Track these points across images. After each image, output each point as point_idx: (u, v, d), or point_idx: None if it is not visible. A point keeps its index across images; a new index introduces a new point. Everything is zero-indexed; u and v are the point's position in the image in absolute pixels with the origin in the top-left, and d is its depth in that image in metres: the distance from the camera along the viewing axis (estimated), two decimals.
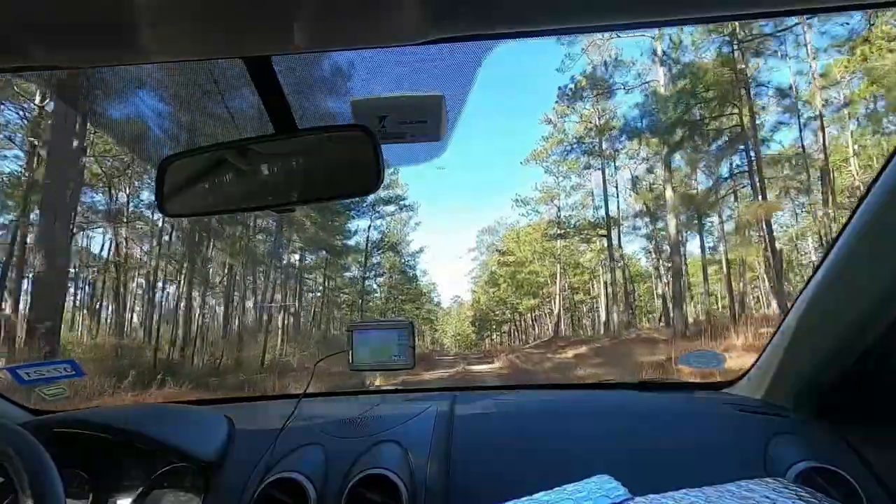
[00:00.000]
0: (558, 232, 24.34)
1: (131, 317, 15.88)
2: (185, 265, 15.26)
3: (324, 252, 21.99)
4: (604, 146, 21.16)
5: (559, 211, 24.58)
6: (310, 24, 0.48)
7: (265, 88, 0.65)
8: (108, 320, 15.78)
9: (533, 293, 30.07)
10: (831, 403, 1.15)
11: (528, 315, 34.18)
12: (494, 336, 38.71)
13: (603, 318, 23.44)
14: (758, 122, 15.69)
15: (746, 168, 16.17)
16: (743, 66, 15.46)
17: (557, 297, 27.24)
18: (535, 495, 0.64)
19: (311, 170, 0.71)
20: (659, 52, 17.22)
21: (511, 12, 0.47)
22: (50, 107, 12.14)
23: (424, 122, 0.77)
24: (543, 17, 0.48)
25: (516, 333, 36.55)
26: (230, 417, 1.33)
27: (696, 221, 17.71)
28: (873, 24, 12.79)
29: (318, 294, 24.34)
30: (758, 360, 1.34)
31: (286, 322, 20.61)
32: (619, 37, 17.66)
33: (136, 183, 14.87)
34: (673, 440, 1.17)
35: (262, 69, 0.63)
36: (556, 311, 27.78)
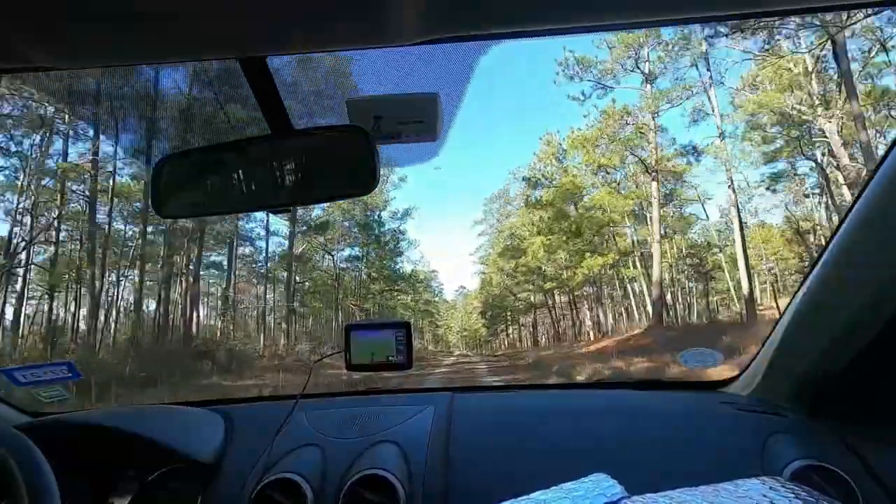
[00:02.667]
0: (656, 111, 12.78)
1: None
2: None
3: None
4: None
5: (648, 79, 12.96)
6: (306, 25, 0.48)
7: (261, 89, 0.65)
8: None
9: (594, 248, 16.90)
10: (828, 402, 1.16)
11: (569, 294, 20.21)
12: (512, 331, 27.60)
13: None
14: None
15: None
16: None
17: (656, 245, 14.00)
18: (533, 494, 0.64)
19: (306, 170, 0.71)
20: None
21: (507, 13, 0.47)
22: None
23: (420, 123, 0.77)
24: (539, 18, 0.48)
25: (555, 325, 22.48)
26: (228, 418, 1.33)
27: None
28: None
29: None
30: (755, 359, 1.34)
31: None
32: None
33: None
34: (670, 439, 1.17)
35: (258, 70, 0.63)
36: (654, 274, 14.57)
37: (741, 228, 14.11)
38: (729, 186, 14.49)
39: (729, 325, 13.74)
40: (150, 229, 14.97)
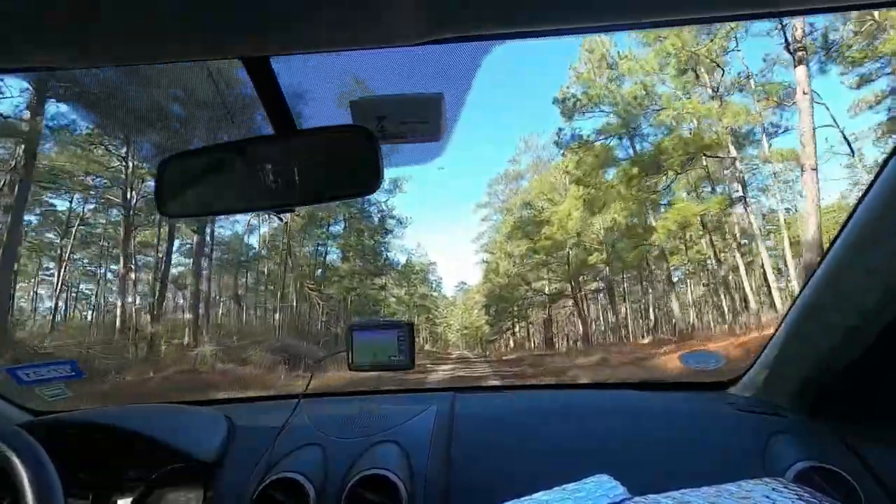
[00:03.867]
0: None
1: None
2: None
3: None
4: None
5: None
6: (309, 24, 0.48)
7: (264, 89, 0.65)
8: None
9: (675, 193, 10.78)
10: (830, 403, 1.16)
11: (610, 275, 14.25)
12: (519, 329, 23.12)
13: None
14: None
15: None
16: None
17: (809, 176, 8.80)
18: (535, 495, 0.64)
19: (310, 170, 0.71)
20: None
21: (511, 13, 0.47)
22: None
23: (424, 123, 0.77)
24: (542, 18, 0.48)
25: (583, 321, 16.10)
26: (230, 418, 1.33)
27: None
28: None
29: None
30: (757, 359, 1.34)
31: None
32: None
33: None
34: (672, 440, 1.17)
35: (262, 70, 0.63)
36: (808, 227, 8.96)
37: None
38: None
39: None
40: None
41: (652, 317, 14.81)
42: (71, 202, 13.36)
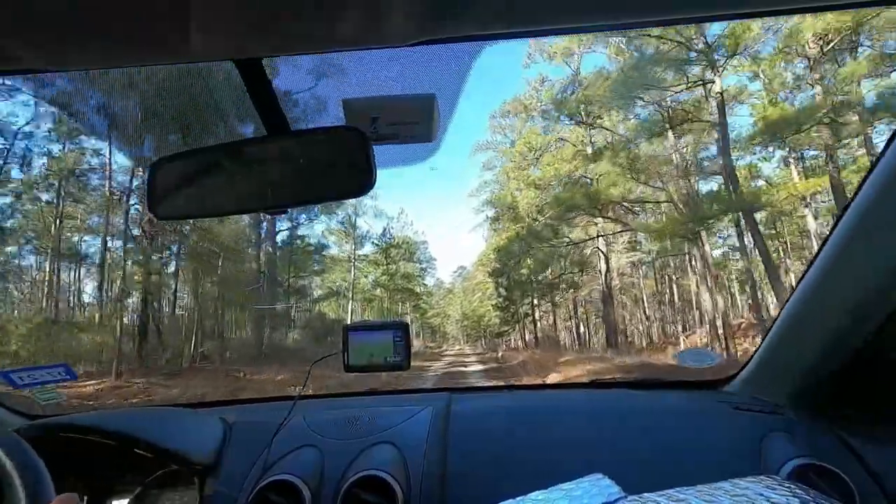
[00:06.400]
0: None
1: None
2: None
3: None
4: None
5: None
6: (301, 26, 0.48)
7: (257, 90, 0.65)
8: None
9: None
10: (825, 401, 1.16)
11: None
12: (542, 316, 16.50)
13: None
14: None
15: None
16: None
17: None
18: (531, 494, 0.64)
19: (303, 171, 0.71)
20: None
21: (504, 13, 0.47)
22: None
23: (417, 123, 0.77)
24: (537, 18, 0.48)
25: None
26: (226, 420, 1.33)
27: None
28: None
29: None
30: (752, 357, 1.35)
31: None
32: None
33: None
34: (668, 438, 1.18)
35: (254, 71, 0.63)
36: None
37: None
38: None
39: None
40: None
41: None
42: None
